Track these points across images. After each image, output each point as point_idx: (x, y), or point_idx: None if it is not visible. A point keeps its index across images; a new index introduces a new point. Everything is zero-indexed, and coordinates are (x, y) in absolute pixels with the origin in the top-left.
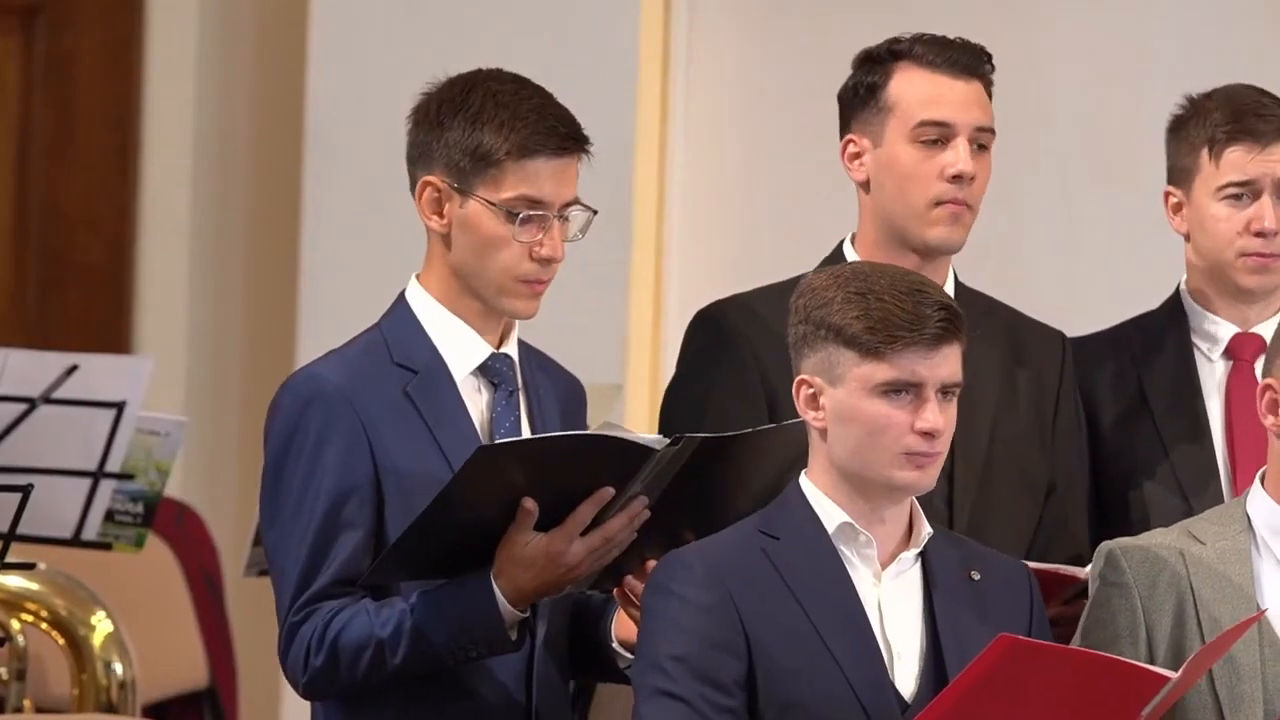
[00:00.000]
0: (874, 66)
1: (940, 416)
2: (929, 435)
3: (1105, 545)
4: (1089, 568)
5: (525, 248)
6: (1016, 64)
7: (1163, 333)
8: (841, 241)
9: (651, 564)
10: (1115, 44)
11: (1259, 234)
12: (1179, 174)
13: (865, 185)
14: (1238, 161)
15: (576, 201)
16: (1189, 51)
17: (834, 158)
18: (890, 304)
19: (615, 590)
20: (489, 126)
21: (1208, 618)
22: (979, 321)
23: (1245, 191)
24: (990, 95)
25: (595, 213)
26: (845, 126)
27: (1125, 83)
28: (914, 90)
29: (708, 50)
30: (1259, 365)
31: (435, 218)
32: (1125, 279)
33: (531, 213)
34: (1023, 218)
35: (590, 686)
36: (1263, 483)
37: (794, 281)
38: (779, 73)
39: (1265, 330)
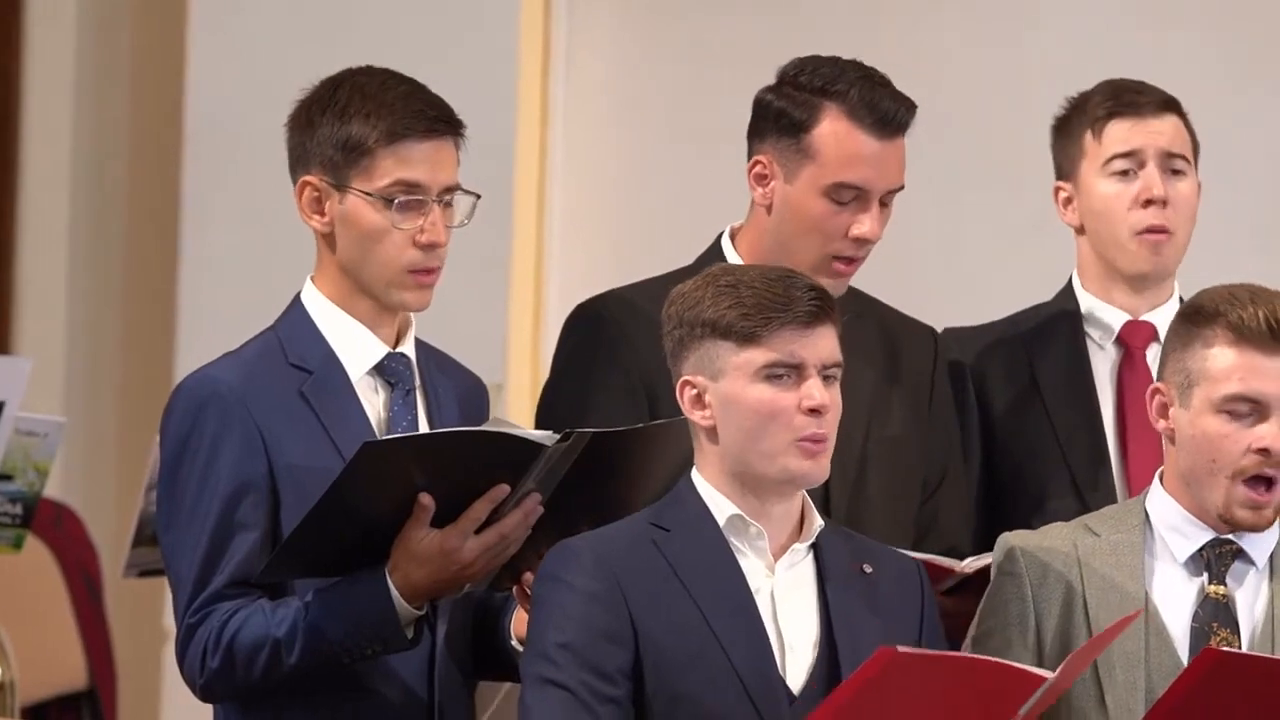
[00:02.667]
0: (802, 99)
1: (825, 393)
2: (816, 412)
3: (1005, 537)
4: (968, 561)
5: (407, 235)
6: (900, 65)
7: (1054, 322)
8: (720, 235)
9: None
10: (998, 45)
11: (1149, 202)
12: (1066, 167)
13: (767, 208)
14: (1120, 133)
15: (456, 186)
16: (1071, 52)
17: (714, 154)
18: (761, 290)
19: (514, 588)
20: (357, 117)
21: (1095, 608)
22: (853, 322)
23: (1130, 164)
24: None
25: (478, 197)
26: (758, 139)
27: (1008, 83)
28: (838, 147)
29: (588, 48)
30: (1150, 352)
31: (317, 217)
32: (1008, 279)
33: (409, 197)
34: (906, 218)
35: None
36: (1161, 481)
37: (671, 275)
38: (659, 71)
39: (1155, 318)
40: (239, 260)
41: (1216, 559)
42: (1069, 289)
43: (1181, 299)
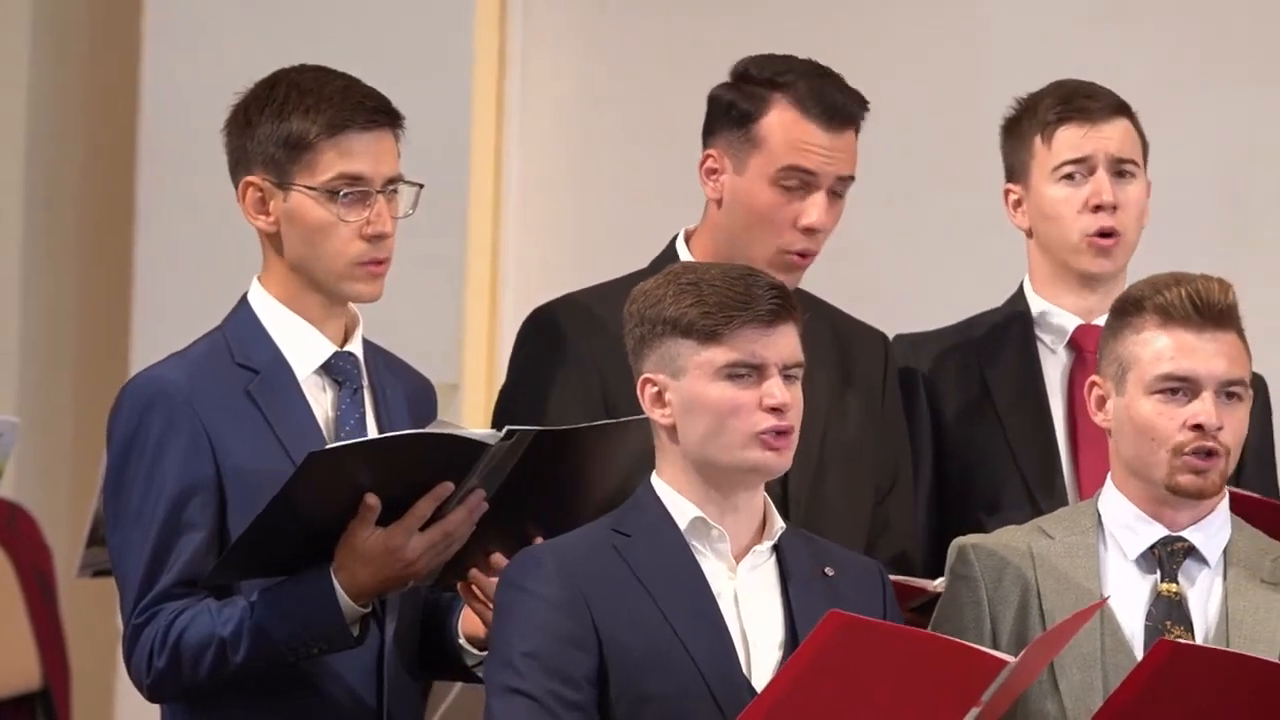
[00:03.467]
0: (752, 90)
1: (786, 392)
2: (777, 410)
3: (958, 541)
4: (939, 580)
5: (354, 228)
6: (851, 64)
7: (1006, 326)
8: (675, 237)
9: (498, 559)
10: (949, 45)
11: (1098, 208)
12: (1016, 169)
13: (718, 203)
14: (1070, 139)
15: (400, 177)
16: (1022, 52)
17: (670, 154)
18: (722, 288)
19: (460, 586)
20: (296, 113)
21: (1050, 610)
22: (807, 323)
23: (1079, 170)
24: (858, 132)
25: (421, 186)
26: (709, 135)
27: (959, 84)
28: (786, 134)
29: (543, 49)
30: None
31: (262, 217)
32: (959, 280)
33: (353, 189)
34: (856, 218)
35: (426, 685)
36: (1112, 480)
37: (627, 279)
38: (615, 72)
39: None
40: (194, 261)
41: (1168, 556)
42: (1020, 293)
43: None
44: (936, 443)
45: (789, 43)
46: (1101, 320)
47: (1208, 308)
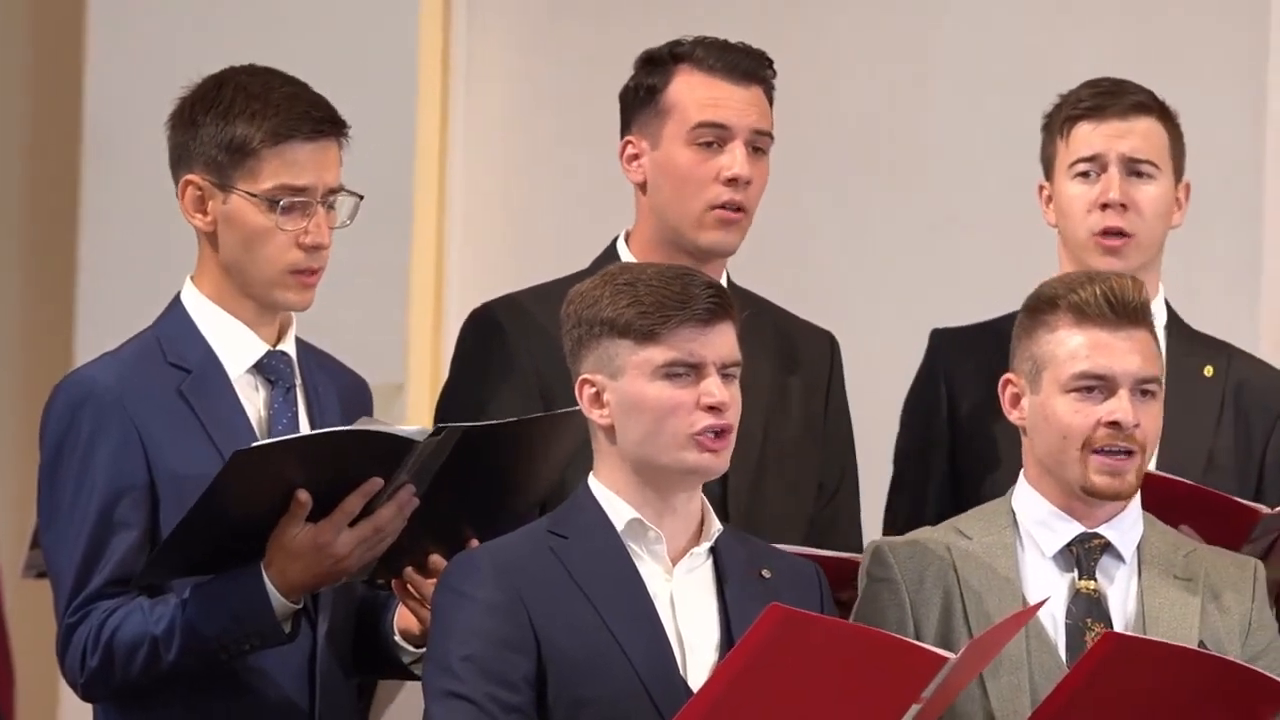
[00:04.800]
0: (654, 68)
1: (724, 391)
2: (715, 410)
3: (874, 542)
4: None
5: (291, 236)
6: (798, 65)
7: None
8: (615, 239)
9: (436, 561)
10: (898, 45)
11: (1105, 206)
12: (1046, 166)
13: (643, 187)
14: (1084, 137)
15: (340, 187)
16: (972, 51)
17: (613, 159)
18: (659, 288)
19: (394, 583)
20: (241, 118)
21: (975, 611)
22: (750, 322)
23: (1093, 168)
24: (771, 101)
25: (361, 197)
26: (625, 127)
27: (908, 84)
28: (692, 93)
29: (488, 50)
30: None
31: (199, 216)
32: (906, 281)
33: (293, 199)
34: (803, 218)
35: (370, 685)
36: (1025, 477)
37: (568, 279)
38: (559, 74)
39: None
40: (137, 260)
41: (1085, 554)
42: None
43: (1166, 300)
44: (952, 437)
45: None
46: None
47: (1122, 306)
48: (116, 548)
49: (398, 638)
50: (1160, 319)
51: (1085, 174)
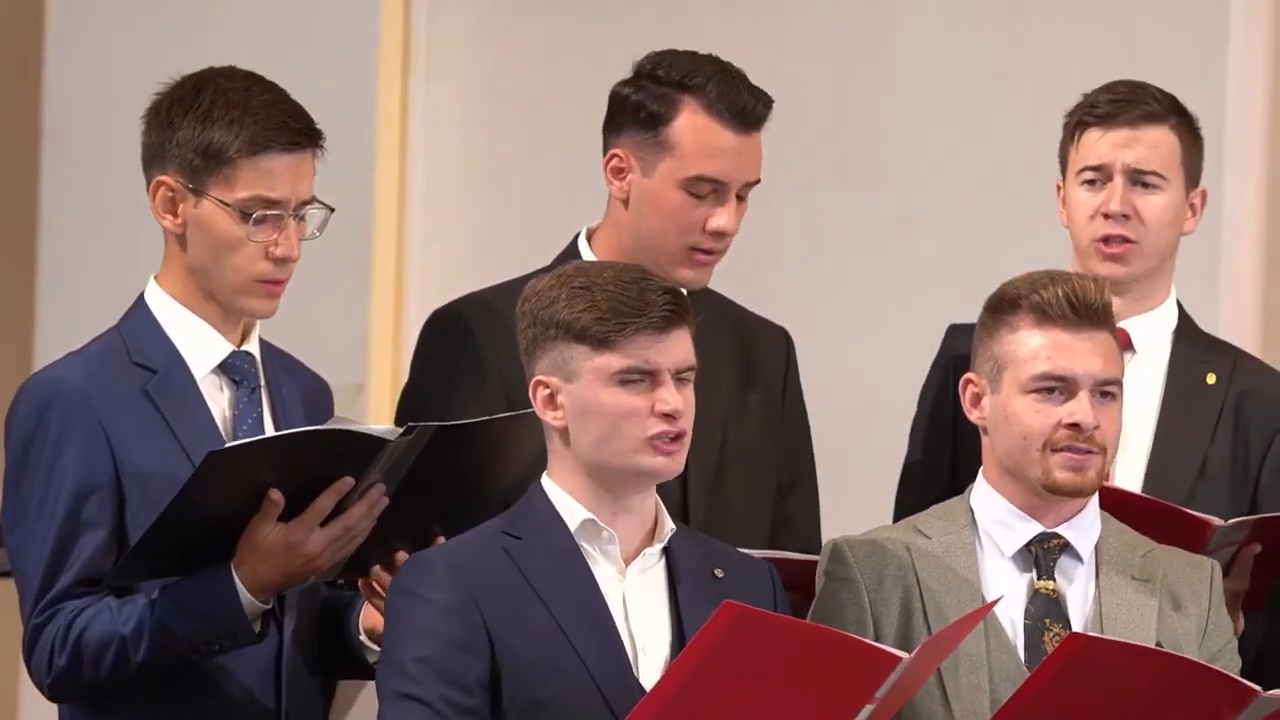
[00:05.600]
0: (660, 92)
1: (679, 397)
2: (670, 416)
3: (832, 540)
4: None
5: (261, 247)
6: (758, 62)
7: None
8: (577, 235)
9: (401, 557)
10: (858, 43)
11: (1107, 215)
12: (1062, 166)
13: (624, 202)
14: (1092, 145)
15: (313, 199)
16: (931, 52)
17: (574, 157)
18: (615, 293)
19: (360, 582)
20: (220, 124)
21: (934, 610)
22: (709, 321)
23: (1098, 176)
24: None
25: (332, 210)
26: (614, 133)
27: (868, 82)
28: (696, 138)
29: (448, 49)
30: (1126, 358)
31: (169, 218)
32: (866, 279)
33: (266, 212)
34: (764, 215)
35: (331, 686)
36: (984, 476)
37: (528, 278)
38: (519, 73)
39: (1131, 326)
40: (98, 260)
41: (1044, 554)
42: None
43: (1179, 304)
44: (955, 439)
45: (693, 43)
46: (1125, 324)
47: (1084, 307)
48: (84, 547)
49: (363, 637)
50: (1170, 323)
51: (1092, 181)
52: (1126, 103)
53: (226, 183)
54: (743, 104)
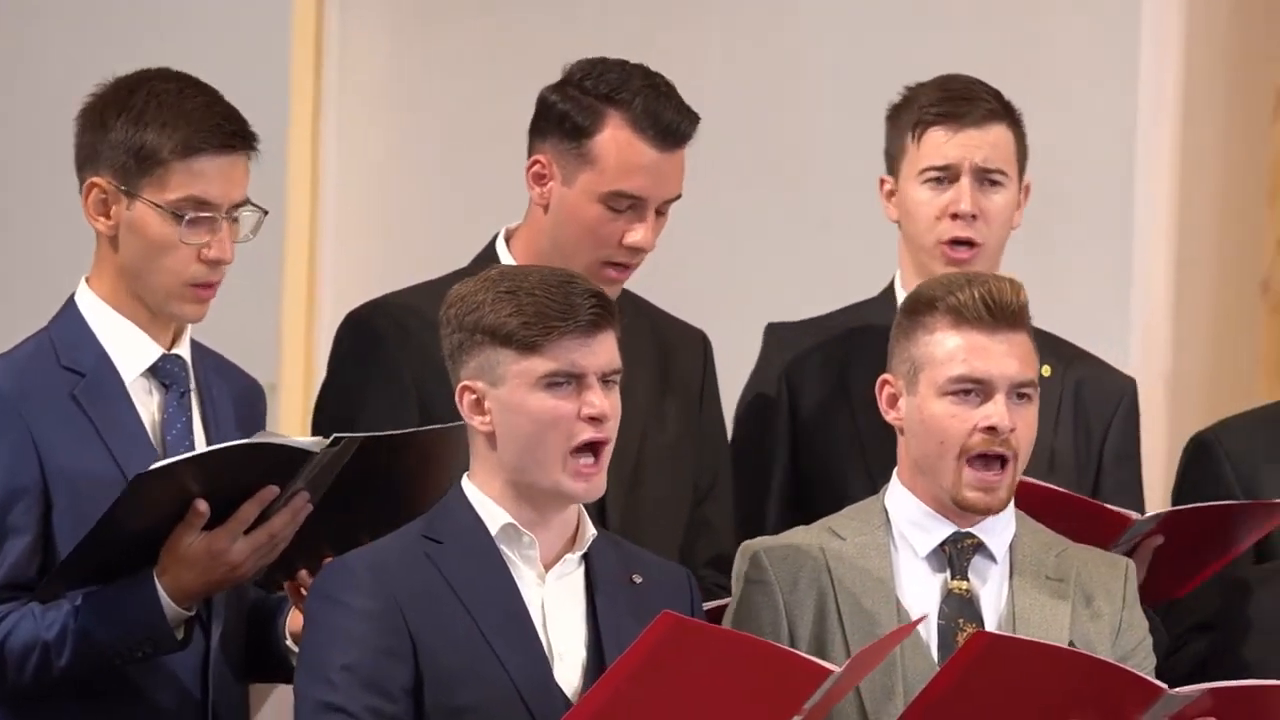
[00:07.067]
0: (587, 103)
1: (605, 401)
2: (597, 420)
3: (747, 544)
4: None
5: (193, 250)
6: (667, 67)
7: (873, 320)
8: (495, 237)
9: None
10: (768, 44)
11: (955, 216)
12: (891, 161)
13: (544, 208)
14: (938, 144)
15: (246, 202)
16: (840, 50)
17: (487, 158)
18: (541, 297)
19: (288, 585)
20: (152, 126)
21: (849, 612)
22: (628, 326)
23: (944, 175)
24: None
25: (266, 213)
26: (539, 138)
27: (778, 83)
28: (619, 154)
29: (360, 50)
30: None
31: (101, 219)
32: (779, 279)
33: (199, 214)
34: (681, 217)
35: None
36: (899, 476)
37: (447, 279)
38: (432, 74)
39: None
40: (28, 263)
41: (958, 554)
42: (890, 287)
43: None
44: (793, 436)
45: (609, 44)
46: None
47: (1000, 308)
48: (9, 552)
49: (289, 642)
50: None
51: (938, 180)
52: (966, 100)
53: (159, 184)
54: (667, 121)
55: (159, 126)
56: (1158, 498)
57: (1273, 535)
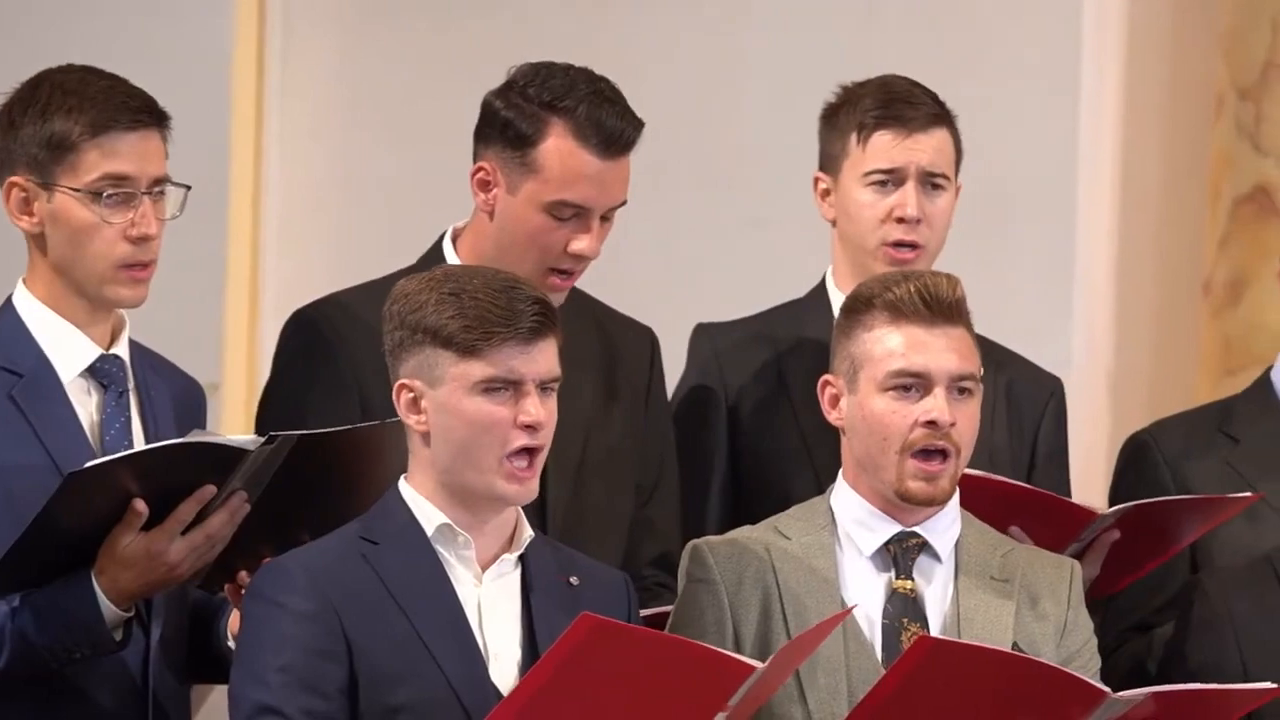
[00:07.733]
0: (530, 111)
1: (541, 410)
2: (531, 429)
3: (693, 543)
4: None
5: (118, 230)
6: (608, 65)
7: (807, 319)
8: (442, 236)
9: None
10: (708, 45)
11: (900, 219)
12: (829, 160)
13: (489, 214)
14: (884, 147)
15: (166, 178)
16: (782, 51)
17: (430, 156)
18: (484, 301)
19: (228, 587)
20: (59, 114)
21: (794, 611)
22: (573, 326)
23: (890, 179)
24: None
25: (189, 188)
26: (483, 145)
27: (720, 83)
28: (561, 164)
29: (303, 48)
30: None
31: (25, 219)
32: (720, 278)
33: (117, 190)
34: (622, 215)
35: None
36: (844, 475)
37: (392, 277)
38: (375, 73)
39: None
40: None
41: (902, 553)
42: (822, 285)
43: None
44: (732, 437)
45: (549, 44)
46: None
47: (937, 303)
48: None
49: (230, 643)
50: None
51: (882, 183)
52: (910, 104)
53: (73, 169)
54: (610, 129)
55: (65, 112)
56: (1099, 495)
57: (1207, 538)
